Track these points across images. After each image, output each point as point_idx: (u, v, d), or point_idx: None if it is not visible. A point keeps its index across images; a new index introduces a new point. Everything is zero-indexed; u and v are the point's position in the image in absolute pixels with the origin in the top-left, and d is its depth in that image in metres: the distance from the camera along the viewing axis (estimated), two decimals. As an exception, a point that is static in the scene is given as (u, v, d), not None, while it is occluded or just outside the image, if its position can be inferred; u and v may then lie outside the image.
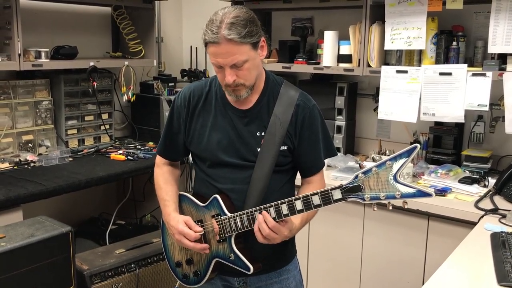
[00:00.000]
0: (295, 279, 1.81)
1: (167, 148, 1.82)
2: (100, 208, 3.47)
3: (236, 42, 1.51)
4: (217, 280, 1.78)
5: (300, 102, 1.66)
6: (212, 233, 1.70)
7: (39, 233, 1.94)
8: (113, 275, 2.33)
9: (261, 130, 1.64)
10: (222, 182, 1.69)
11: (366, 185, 1.45)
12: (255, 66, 1.58)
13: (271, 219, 1.54)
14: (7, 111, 2.87)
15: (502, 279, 1.53)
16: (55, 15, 3.19)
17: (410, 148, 1.40)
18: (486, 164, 2.64)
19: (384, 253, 2.51)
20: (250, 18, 1.55)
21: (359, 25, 2.80)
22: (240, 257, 1.65)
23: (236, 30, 1.50)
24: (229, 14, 1.53)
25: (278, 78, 1.73)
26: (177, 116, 1.75)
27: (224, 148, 1.66)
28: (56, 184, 2.45)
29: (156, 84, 3.41)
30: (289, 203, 1.54)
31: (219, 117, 1.68)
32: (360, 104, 3.20)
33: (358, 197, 1.47)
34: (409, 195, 1.41)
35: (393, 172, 1.42)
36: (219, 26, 1.51)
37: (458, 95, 2.53)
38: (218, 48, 1.52)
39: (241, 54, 1.52)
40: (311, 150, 1.69)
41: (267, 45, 1.62)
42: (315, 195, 1.51)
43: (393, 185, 1.42)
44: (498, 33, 2.40)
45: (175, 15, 3.89)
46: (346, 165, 2.85)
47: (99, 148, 3.18)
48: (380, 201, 1.44)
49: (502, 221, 2.06)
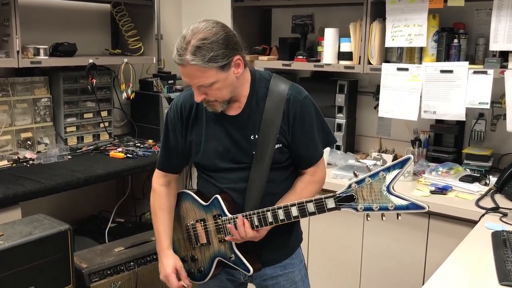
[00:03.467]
0: (300, 273, 1.82)
1: (167, 162, 1.81)
2: (99, 206, 3.46)
3: (200, 67, 1.48)
4: (222, 274, 1.80)
5: (290, 96, 1.63)
6: (214, 232, 1.72)
7: (37, 231, 1.93)
8: (112, 273, 2.31)
9: (255, 133, 1.63)
10: (223, 182, 1.70)
11: (360, 195, 1.46)
12: (226, 85, 1.54)
13: (249, 230, 1.61)
14: (5, 108, 2.86)
15: (503, 278, 1.52)
16: (54, 11, 3.17)
17: (404, 159, 1.40)
18: (487, 162, 2.63)
19: (384, 251, 2.50)
20: (220, 39, 1.48)
21: (359, 22, 2.78)
22: (240, 258, 1.67)
23: (200, 54, 1.46)
24: (198, 34, 1.47)
25: (265, 74, 1.70)
26: (173, 129, 1.74)
27: (221, 156, 1.67)
28: (55, 182, 2.44)
29: (156, 82, 3.39)
30: (285, 209, 1.57)
31: (212, 125, 1.67)
32: (361, 102, 3.19)
33: (351, 207, 1.48)
34: (402, 207, 1.43)
35: (386, 183, 1.42)
36: (185, 48, 1.48)
37: (459, 92, 2.52)
38: (183, 69, 1.52)
39: (207, 77, 1.50)
40: (307, 143, 1.67)
41: (243, 62, 1.57)
42: (310, 202, 1.53)
43: (386, 196, 1.43)
44: (499, 30, 2.39)
45: (175, 12, 3.88)
46: (346, 163, 2.84)
47: (98, 145, 3.17)
48: (373, 212, 1.44)
49: (503, 220, 2.05)
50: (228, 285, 1.83)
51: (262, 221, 1.61)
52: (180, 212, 1.83)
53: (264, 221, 1.60)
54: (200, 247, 1.77)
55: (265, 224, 1.61)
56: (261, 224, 1.61)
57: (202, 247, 1.76)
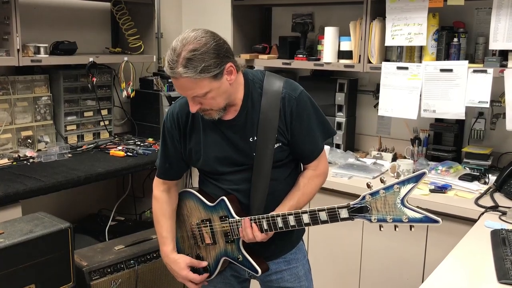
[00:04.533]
0: (304, 268, 1.84)
1: (167, 171, 1.81)
2: (100, 204, 3.46)
3: (193, 78, 1.47)
4: (227, 270, 1.81)
5: (285, 94, 1.62)
6: (220, 233, 1.72)
7: (38, 229, 1.93)
8: (112, 271, 2.32)
9: (253, 134, 1.63)
10: (227, 184, 1.71)
11: (373, 206, 1.46)
12: (220, 93, 1.54)
13: (258, 233, 1.61)
14: (6, 106, 2.86)
15: (502, 276, 1.52)
16: (54, 10, 3.17)
17: (419, 174, 1.40)
18: (486, 161, 2.63)
19: (384, 250, 2.51)
20: (211, 49, 1.47)
21: (359, 21, 2.78)
22: (248, 259, 1.68)
23: (192, 66, 1.45)
24: (188, 46, 1.46)
25: (258, 73, 1.69)
26: (170, 138, 1.74)
27: (221, 161, 1.67)
28: (55, 180, 2.44)
29: (156, 80, 3.40)
30: (296, 215, 1.57)
31: (210, 131, 1.67)
32: (361, 101, 3.19)
33: (365, 218, 1.49)
34: (416, 220, 1.43)
35: (401, 196, 1.43)
36: (176, 60, 1.47)
37: (459, 91, 2.52)
38: (176, 82, 1.52)
39: (201, 88, 1.50)
40: (307, 139, 1.67)
41: (236, 68, 1.56)
42: (322, 211, 1.54)
43: (400, 209, 1.43)
44: (499, 29, 2.39)
45: (175, 10, 3.88)
46: (346, 162, 2.85)
47: (99, 144, 3.17)
48: (387, 223, 1.44)
49: (502, 219, 2.05)
50: (232, 281, 1.84)
51: (272, 225, 1.61)
52: (183, 211, 1.83)
53: (274, 225, 1.60)
54: (205, 246, 1.78)
55: (274, 229, 1.61)
56: (271, 229, 1.61)
57: (208, 246, 1.77)
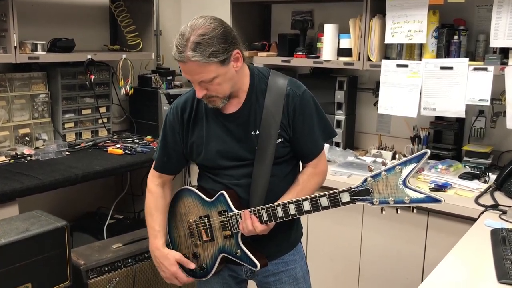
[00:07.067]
0: (301, 269, 1.83)
1: (166, 164, 1.81)
2: (98, 203, 3.45)
3: (201, 63, 1.49)
4: (224, 270, 1.80)
5: (289, 91, 1.65)
6: (218, 228, 1.72)
7: (34, 228, 1.92)
8: (110, 270, 2.31)
9: (256, 128, 1.64)
10: (227, 179, 1.70)
11: (375, 189, 1.46)
12: (226, 79, 1.56)
13: (258, 224, 1.60)
14: (3, 104, 2.85)
15: (502, 276, 1.51)
16: (52, 7, 3.15)
17: (420, 154, 1.40)
18: (486, 160, 2.63)
19: (383, 249, 2.50)
20: (219, 34, 1.50)
21: (359, 18, 2.77)
22: (247, 254, 1.67)
23: (201, 50, 1.48)
24: (197, 31, 1.49)
25: (263, 70, 1.72)
26: (172, 131, 1.74)
27: (223, 155, 1.68)
28: (53, 178, 2.43)
29: (155, 78, 3.38)
30: (297, 203, 1.56)
31: (213, 125, 1.68)
32: (360, 99, 3.17)
33: (366, 201, 1.48)
34: (418, 201, 1.42)
35: (403, 177, 1.42)
36: (185, 44, 1.49)
37: (459, 89, 2.51)
38: (184, 66, 1.54)
39: (208, 72, 1.51)
40: (307, 137, 1.69)
41: (242, 55, 1.58)
42: (323, 196, 1.52)
43: (402, 189, 1.43)
44: (500, 26, 2.38)
45: (174, 8, 3.86)
46: (346, 160, 2.84)
47: (97, 142, 3.16)
48: (389, 205, 1.44)
49: (502, 217, 2.04)
50: (230, 281, 1.83)
51: (272, 216, 1.60)
52: (180, 209, 1.82)
53: (274, 216, 1.60)
54: (203, 243, 1.76)
55: (274, 219, 1.61)
56: (271, 219, 1.61)
57: (205, 243, 1.76)
